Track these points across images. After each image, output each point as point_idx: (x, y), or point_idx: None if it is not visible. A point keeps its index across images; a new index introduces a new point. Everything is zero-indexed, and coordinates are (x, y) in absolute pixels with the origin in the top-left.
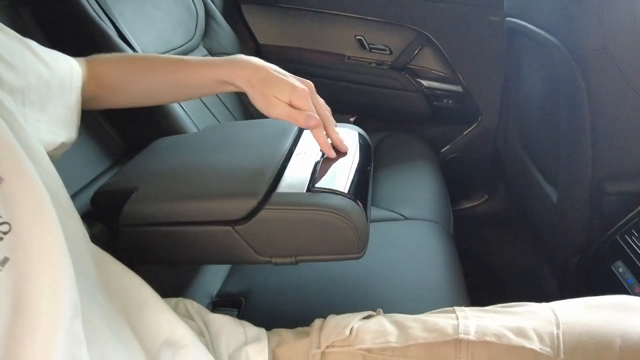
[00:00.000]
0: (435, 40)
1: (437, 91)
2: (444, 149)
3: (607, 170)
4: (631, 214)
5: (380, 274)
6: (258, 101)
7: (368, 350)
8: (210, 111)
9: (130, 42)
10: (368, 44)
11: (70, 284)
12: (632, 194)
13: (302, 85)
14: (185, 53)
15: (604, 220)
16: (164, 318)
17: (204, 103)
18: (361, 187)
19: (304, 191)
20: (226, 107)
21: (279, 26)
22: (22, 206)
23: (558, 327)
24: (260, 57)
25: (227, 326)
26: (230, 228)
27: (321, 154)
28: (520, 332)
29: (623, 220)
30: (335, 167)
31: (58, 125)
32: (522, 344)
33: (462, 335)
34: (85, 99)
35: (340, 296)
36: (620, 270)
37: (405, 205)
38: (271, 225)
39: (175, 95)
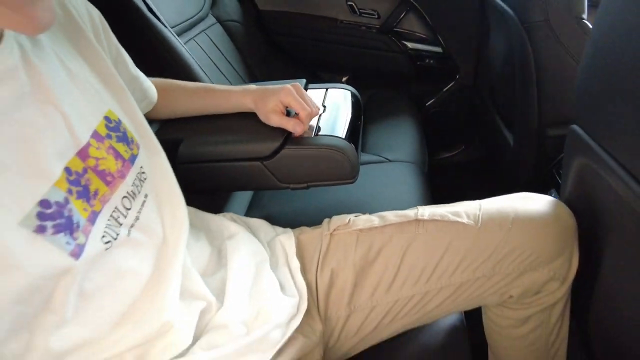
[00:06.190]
0: (418, 6)
1: (420, 52)
2: (426, 105)
3: (549, 118)
4: (563, 153)
5: (369, 201)
6: (260, 115)
7: (360, 230)
8: (225, 75)
9: (157, 15)
10: (358, 9)
11: (185, 214)
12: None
13: (288, 86)
14: (198, 22)
15: (546, 158)
16: (223, 223)
17: (219, 69)
18: (353, 133)
19: (313, 135)
20: (236, 70)
21: None
22: (151, 159)
23: (480, 210)
24: (261, 22)
25: (263, 226)
26: (260, 163)
27: (323, 108)
28: (456, 214)
29: (558, 158)
30: (334, 118)
31: None
32: (456, 219)
33: (419, 217)
34: None
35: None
36: (553, 195)
37: (389, 151)
38: (289, 160)
39: (199, 111)
